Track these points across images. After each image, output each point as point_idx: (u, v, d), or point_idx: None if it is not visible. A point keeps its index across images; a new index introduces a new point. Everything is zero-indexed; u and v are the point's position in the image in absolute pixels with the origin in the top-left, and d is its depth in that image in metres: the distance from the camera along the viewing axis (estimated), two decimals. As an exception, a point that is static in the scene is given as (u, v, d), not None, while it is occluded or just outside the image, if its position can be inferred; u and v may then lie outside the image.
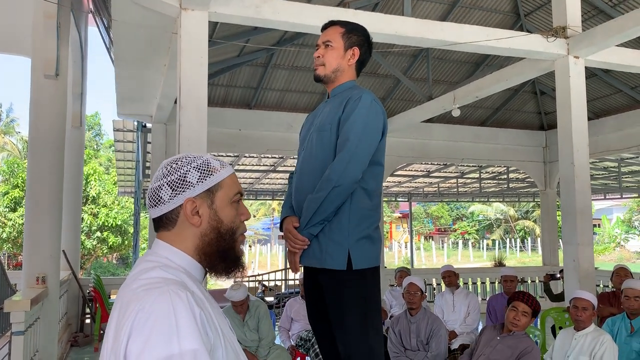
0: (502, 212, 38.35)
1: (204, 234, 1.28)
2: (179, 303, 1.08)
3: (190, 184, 1.27)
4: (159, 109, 7.37)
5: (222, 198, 1.30)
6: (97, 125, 30.47)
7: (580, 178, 5.00)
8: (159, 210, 1.28)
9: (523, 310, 3.70)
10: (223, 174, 1.31)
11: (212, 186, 1.29)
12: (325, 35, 2.29)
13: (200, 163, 1.30)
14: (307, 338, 5.18)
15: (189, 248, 1.28)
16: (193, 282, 1.24)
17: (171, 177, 1.28)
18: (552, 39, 5.07)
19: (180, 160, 1.31)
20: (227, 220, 1.31)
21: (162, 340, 1.03)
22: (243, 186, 14.99)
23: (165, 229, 1.29)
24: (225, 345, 1.18)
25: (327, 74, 2.25)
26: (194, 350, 1.04)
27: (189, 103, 3.94)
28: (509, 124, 10.58)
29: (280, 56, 8.15)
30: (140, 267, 1.23)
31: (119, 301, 1.17)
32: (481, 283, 11.02)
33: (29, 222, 5.64)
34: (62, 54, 5.74)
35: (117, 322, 1.11)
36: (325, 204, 1.99)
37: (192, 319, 1.08)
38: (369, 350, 2.06)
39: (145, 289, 1.12)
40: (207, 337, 1.11)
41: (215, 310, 1.25)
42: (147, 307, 1.07)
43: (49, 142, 5.67)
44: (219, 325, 1.20)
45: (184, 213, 1.26)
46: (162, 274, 1.19)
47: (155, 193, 1.29)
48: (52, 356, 5.66)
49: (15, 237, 19.31)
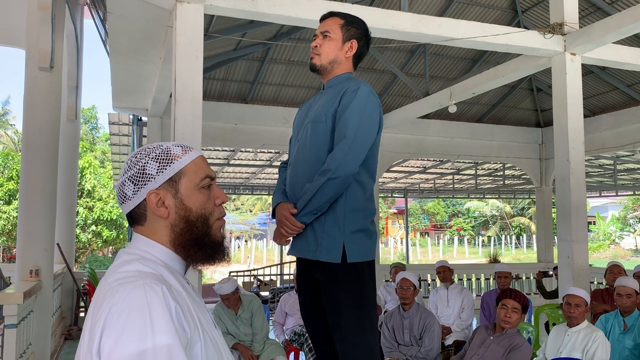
0: (498, 208, 38.46)
1: (174, 225, 1.24)
2: (153, 297, 1.06)
3: (150, 176, 1.23)
4: (154, 102, 7.34)
5: (187, 185, 1.25)
6: (93, 118, 30.41)
7: (575, 175, 5.01)
8: (127, 206, 1.26)
9: (513, 307, 3.71)
10: (185, 160, 1.26)
11: (173, 175, 1.24)
12: (324, 26, 2.27)
13: (159, 153, 1.25)
14: (301, 333, 5.18)
15: (163, 240, 1.25)
16: (172, 275, 1.21)
17: (131, 172, 1.24)
18: (549, 36, 5.07)
19: (139, 152, 1.27)
20: (196, 207, 1.26)
21: (135, 335, 1.01)
22: (239, 181, 15.01)
23: (139, 224, 1.27)
24: (204, 340, 1.15)
25: (323, 64, 2.23)
26: (168, 345, 1.02)
27: (185, 96, 3.92)
28: (505, 121, 10.59)
29: (276, 50, 8.13)
30: (120, 260, 1.21)
31: (96, 295, 1.15)
32: (476, 279, 11.04)
33: (23, 214, 5.61)
34: (57, 46, 5.70)
35: (92, 317, 1.09)
36: (320, 194, 1.98)
37: (167, 313, 1.05)
38: (365, 344, 2.06)
39: (120, 283, 1.10)
40: (184, 331, 1.08)
41: (196, 304, 1.22)
42: (121, 301, 1.05)
43: (44, 134, 5.64)
44: (199, 319, 1.17)
45: (150, 206, 1.23)
46: (140, 267, 1.16)
47: (120, 190, 1.26)
48: (45, 349, 5.65)
49: (10, 230, 19.26)
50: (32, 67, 5.58)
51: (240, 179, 14.65)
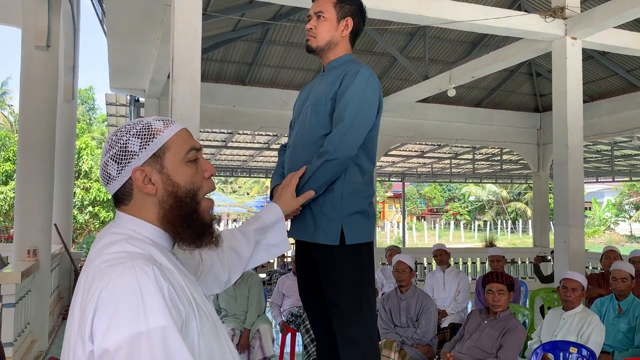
0: (495, 193, 38.55)
1: (162, 201, 1.21)
2: (144, 278, 1.03)
3: (134, 152, 1.19)
4: (152, 83, 7.29)
5: (172, 159, 1.21)
6: (90, 99, 30.20)
7: (573, 160, 5.01)
8: (112, 187, 1.22)
9: (498, 289, 3.74)
10: (167, 134, 1.22)
11: (157, 150, 1.20)
12: (317, 6, 2.20)
13: (140, 129, 1.21)
14: (298, 314, 5.22)
15: (151, 218, 1.21)
16: (161, 253, 1.18)
17: (113, 151, 1.20)
18: (550, 20, 5.04)
19: (119, 130, 1.22)
20: (184, 182, 1.22)
21: (128, 318, 0.98)
22: (236, 164, 14.98)
23: (124, 204, 1.23)
24: (199, 315, 1.13)
25: (319, 46, 2.20)
26: (162, 327, 1.00)
27: (182, 77, 3.89)
28: (504, 106, 10.57)
29: (275, 32, 8.05)
30: (105, 241, 1.17)
31: (82, 278, 1.11)
32: (472, 263, 11.11)
33: (20, 195, 5.60)
34: (54, 25, 5.64)
35: (81, 301, 1.06)
36: (317, 175, 1.97)
37: (160, 295, 1.03)
38: (363, 325, 2.07)
39: (108, 265, 1.06)
40: (178, 311, 1.06)
41: (187, 279, 1.20)
42: (111, 285, 1.02)
43: (40, 114, 5.61)
44: (192, 296, 1.15)
45: (136, 184, 1.19)
46: (128, 248, 1.13)
47: (103, 171, 1.22)
48: (43, 329, 5.68)
49: (7, 210, 19.25)
50: (28, 46, 5.53)
51: (237, 161, 14.63)
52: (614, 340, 4.05)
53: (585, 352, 3.45)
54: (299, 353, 5.35)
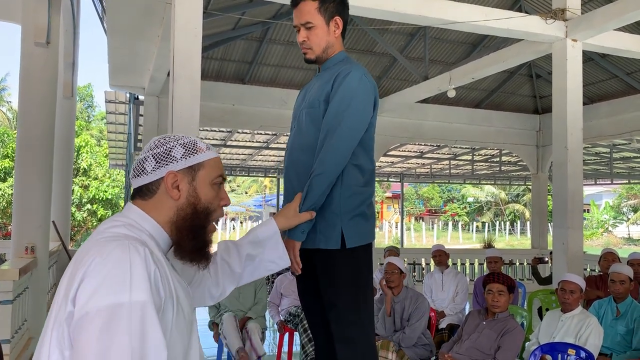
0: (493, 195, 38.56)
1: (180, 208, 1.32)
2: (135, 256, 1.12)
3: (174, 158, 1.32)
4: (151, 81, 7.28)
5: (204, 177, 1.35)
6: (89, 96, 30.15)
7: (573, 162, 5.01)
8: (141, 180, 1.33)
9: (498, 290, 3.73)
10: (207, 155, 1.37)
11: (194, 164, 1.34)
12: (300, 17, 2.11)
13: (187, 141, 1.36)
14: (296, 313, 5.21)
15: (162, 219, 1.32)
16: (156, 246, 1.27)
17: (157, 150, 1.33)
18: (550, 21, 5.03)
19: (168, 136, 1.37)
20: (205, 199, 1.35)
21: (113, 288, 1.06)
22: (235, 162, 14.98)
23: (142, 198, 1.33)
24: (177, 311, 1.21)
25: (318, 55, 2.14)
26: (143, 301, 1.07)
27: (182, 75, 3.88)
28: (503, 107, 10.57)
29: (275, 30, 8.05)
30: (107, 225, 1.27)
31: (78, 251, 1.20)
32: (470, 264, 11.10)
33: (19, 192, 5.58)
34: (54, 22, 5.62)
35: (73, 266, 1.14)
36: (311, 192, 1.94)
37: (145, 274, 1.11)
38: (361, 325, 2.07)
39: (106, 239, 1.16)
40: (158, 295, 1.14)
41: (174, 277, 1.28)
42: (105, 255, 1.10)
43: (39, 111, 5.58)
44: (175, 291, 1.23)
45: (165, 185, 1.31)
46: (126, 232, 1.23)
47: (140, 164, 1.34)
48: (41, 326, 5.65)
49: (5, 207, 19.22)
50: (28, 43, 5.50)
51: (237, 160, 14.61)
52: (612, 343, 4.05)
53: (584, 354, 3.44)
54: (297, 353, 5.35)
